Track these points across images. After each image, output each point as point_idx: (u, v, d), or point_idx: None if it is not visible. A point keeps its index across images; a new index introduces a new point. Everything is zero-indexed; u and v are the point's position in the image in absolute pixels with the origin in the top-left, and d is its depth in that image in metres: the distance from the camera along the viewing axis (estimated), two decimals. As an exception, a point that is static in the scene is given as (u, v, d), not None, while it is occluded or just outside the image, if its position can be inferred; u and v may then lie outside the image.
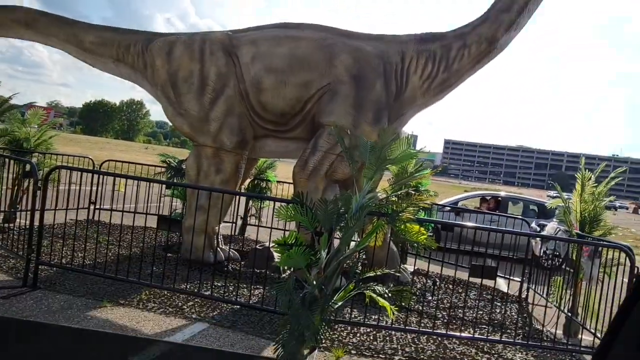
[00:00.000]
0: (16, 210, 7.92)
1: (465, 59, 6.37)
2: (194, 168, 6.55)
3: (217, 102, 6.46)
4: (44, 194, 4.95)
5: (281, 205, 4.30)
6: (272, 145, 6.88)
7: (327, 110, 6.20)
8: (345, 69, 6.28)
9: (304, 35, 6.63)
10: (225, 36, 6.80)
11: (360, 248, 4.10)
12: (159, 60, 6.82)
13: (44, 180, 4.99)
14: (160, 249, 7.11)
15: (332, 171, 6.15)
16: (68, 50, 7.77)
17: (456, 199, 12.99)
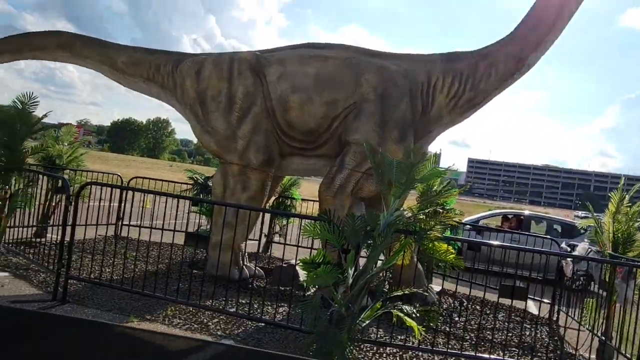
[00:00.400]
0: (47, 225, 8.13)
1: (493, 77, 6.34)
2: (221, 185, 6.63)
3: (244, 121, 6.56)
4: (75, 210, 5.07)
5: (308, 223, 4.31)
6: (298, 163, 6.92)
7: (352, 128, 6.23)
8: (371, 88, 6.32)
9: (330, 54, 6.71)
10: (253, 56, 6.93)
11: (387, 266, 4.06)
12: (189, 79, 6.98)
13: (75, 196, 5.12)
14: (186, 265, 7.18)
15: (358, 189, 6.14)
16: (102, 70, 8.05)
17: (477, 217, 12.77)
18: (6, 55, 7.99)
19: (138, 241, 7.39)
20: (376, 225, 3.87)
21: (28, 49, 7.95)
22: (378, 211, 6.55)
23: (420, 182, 4.00)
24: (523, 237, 9.51)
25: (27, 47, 7.93)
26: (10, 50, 7.92)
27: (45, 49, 7.92)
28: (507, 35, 6.36)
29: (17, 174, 5.70)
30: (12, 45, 7.91)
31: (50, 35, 7.93)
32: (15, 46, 7.93)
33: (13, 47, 7.92)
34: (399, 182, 3.86)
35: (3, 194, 5.67)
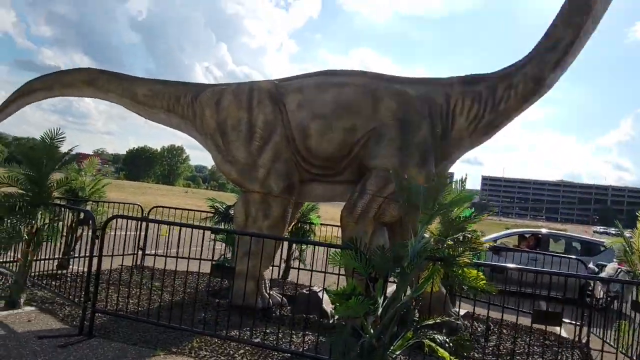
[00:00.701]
0: (70, 257, 8.20)
1: (512, 99, 6.33)
2: (242, 213, 6.65)
3: (264, 149, 6.61)
4: (102, 242, 5.12)
5: (335, 251, 4.28)
6: (318, 189, 6.92)
7: (373, 153, 6.23)
8: (390, 113, 6.34)
9: (348, 81, 6.78)
10: (272, 85, 7.02)
11: (417, 294, 4.00)
12: (208, 110, 7.09)
13: (102, 229, 5.17)
14: (210, 294, 7.15)
15: (381, 214, 6.10)
16: (123, 103, 8.25)
17: (495, 237, 12.56)
18: (40, 93, 8.42)
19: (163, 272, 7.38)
20: (405, 253, 3.82)
21: (58, 87, 8.33)
22: (400, 236, 6.56)
23: (448, 207, 3.97)
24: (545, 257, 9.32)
25: (57, 84, 8.31)
26: (43, 88, 8.34)
27: (73, 86, 8.27)
28: (525, 56, 6.37)
29: (44, 208, 5.78)
30: (44, 83, 8.33)
31: (77, 72, 8.31)
32: (47, 84, 8.34)
33: (45, 85, 8.34)
34: (426, 208, 3.83)
35: (30, 228, 5.74)
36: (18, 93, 8.47)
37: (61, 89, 8.40)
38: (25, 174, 5.79)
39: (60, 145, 5.94)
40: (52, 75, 8.41)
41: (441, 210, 3.92)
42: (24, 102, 8.61)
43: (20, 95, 8.46)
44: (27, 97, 8.50)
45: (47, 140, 5.85)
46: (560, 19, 6.16)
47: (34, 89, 8.40)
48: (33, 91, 8.41)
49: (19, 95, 8.47)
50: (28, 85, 8.41)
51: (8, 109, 8.55)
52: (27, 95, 8.47)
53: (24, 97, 8.49)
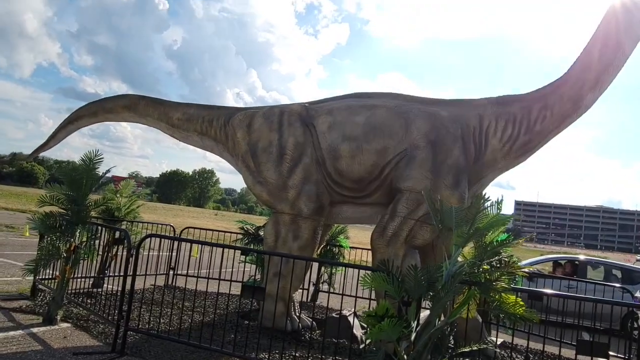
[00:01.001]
0: (105, 275, 8.37)
1: (548, 120, 6.19)
2: (272, 234, 6.65)
3: (294, 170, 6.64)
4: (136, 261, 5.20)
5: (366, 274, 4.21)
6: (348, 211, 6.88)
7: (404, 175, 6.17)
8: (421, 135, 6.30)
9: (378, 103, 6.79)
10: (302, 108, 7.11)
11: (452, 320, 3.87)
12: (240, 132, 7.22)
13: (136, 248, 5.26)
14: (240, 316, 7.13)
15: (412, 237, 6.00)
16: (159, 127, 8.53)
17: (527, 263, 12.08)
18: (86, 120, 8.92)
19: (194, 292, 7.42)
20: (439, 276, 3.72)
21: (102, 112, 8.77)
22: (432, 260, 6.41)
23: (485, 230, 3.86)
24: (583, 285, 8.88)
25: (101, 110, 8.76)
26: (88, 115, 8.84)
27: (115, 111, 8.69)
28: (562, 76, 6.24)
29: (82, 227, 5.94)
30: (89, 110, 8.82)
31: (118, 98, 8.75)
32: (92, 111, 8.84)
33: (90, 112, 8.84)
34: (461, 231, 3.73)
35: (68, 246, 5.90)
36: (67, 121, 8.98)
37: (105, 115, 8.84)
38: (65, 193, 5.99)
39: (99, 166, 6.12)
40: (96, 103, 8.88)
41: (477, 234, 3.82)
42: (73, 128, 9.10)
43: (69, 122, 8.96)
44: (75, 124, 8.99)
45: (87, 162, 6.04)
46: (597, 37, 6.02)
47: (80, 116, 8.89)
48: (80, 118, 8.90)
49: (67, 123, 8.98)
50: (75, 113, 8.90)
51: (58, 135, 9.08)
52: (75, 122, 8.96)
53: (72, 124, 8.98)
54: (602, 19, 6.00)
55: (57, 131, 9.08)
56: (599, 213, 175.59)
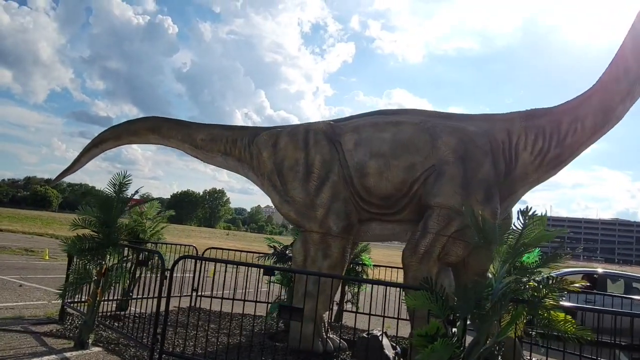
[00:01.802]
0: (130, 298, 8.33)
1: (579, 132, 6.12)
2: (301, 254, 6.59)
3: (322, 189, 6.61)
4: (170, 283, 5.17)
5: (409, 293, 4.13)
6: (377, 229, 6.81)
7: (434, 191, 6.11)
8: (450, 150, 6.26)
9: (404, 119, 6.78)
10: (328, 126, 7.12)
11: (501, 339, 3.77)
12: (266, 151, 7.22)
13: (171, 269, 5.24)
14: (267, 337, 7.05)
15: (445, 254, 5.91)
16: (183, 148, 8.58)
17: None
18: (110, 142, 9.00)
19: (219, 314, 7.35)
20: (488, 294, 3.64)
21: (126, 135, 8.83)
22: (463, 277, 6.29)
23: (531, 245, 3.78)
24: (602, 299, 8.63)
25: (125, 133, 8.82)
26: (113, 138, 8.91)
27: (139, 134, 8.75)
28: (591, 87, 6.18)
29: (112, 249, 5.94)
30: (113, 133, 8.90)
31: (142, 121, 8.83)
32: (116, 134, 8.90)
33: (114, 135, 8.90)
34: (509, 246, 3.66)
35: (99, 269, 5.89)
36: (91, 144, 9.07)
37: (129, 137, 8.90)
38: (97, 216, 6.00)
39: (126, 188, 6.15)
40: (120, 126, 8.95)
41: (524, 248, 3.74)
42: (97, 152, 9.16)
43: (93, 145, 9.04)
44: (100, 147, 9.05)
45: (116, 184, 6.08)
46: (627, 47, 5.97)
47: (105, 139, 8.96)
48: (105, 141, 8.96)
49: (92, 146, 9.05)
50: (99, 137, 8.99)
51: (82, 159, 9.17)
52: (99, 145, 9.02)
53: (96, 147, 9.04)
54: (630, 28, 5.96)
55: (82, 155, 9.17)
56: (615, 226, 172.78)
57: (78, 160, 9.17)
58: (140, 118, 9.00)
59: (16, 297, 8.80)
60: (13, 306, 7.97)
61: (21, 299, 8.67)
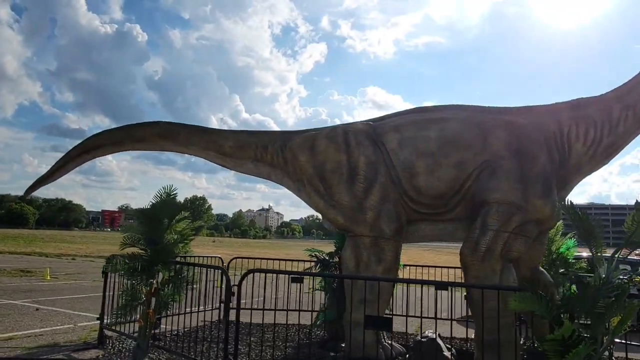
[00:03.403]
0: (162, 315, 7.99)
1: (631, 119, 6.09)
2: (353, 259, 6.38)
3: (370, 191, 6.42)
4: (238, 298, 4.91)
5: (509, 295, 3.99)
6: (426, 229, 6.66)
7: (490, 187, 5.99)
8: (502, 144, 6.15)
9: (448, 116, 6.65)
10: (368, 126, 6.94)
11: (616, 337, 3.66)
12: (303, 156, 6.99)
13: (239, 283, 4.98)
14: (317, 347, 6.83)
15: (507, 250, 5.79)
16: (205, 155, 8.22)
17: None
18: (107, 148, 8.22)
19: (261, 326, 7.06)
20: (607, 290, 3.52)
21: (129, 141, 8.15)
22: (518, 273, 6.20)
23: None
24: None
25: (128, 138, 8.13)
26: (111, 143, 8.13)
27: (146, 140, 8.13)
28: (638, 74, 6.16)
29: (162, 267, 5.64)
30: (112, 138, 8.12)
31: (149, 126, 8.08)
32: (116, 139, 8.13)
33: (113, 140, 8.12)
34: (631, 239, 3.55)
35: (149, 289, 5.58)
36: (80, 149, 8.12)
37: (133, 144, 8.21)
38: (143, 233, 5.70)
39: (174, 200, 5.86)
40: (121, 130, 8.20)
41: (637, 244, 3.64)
42: (87, 158, 8.29)
43: (83, 151, 8.13)
44: (92, 153, 8.21)
45: (164, 198, 5.78)
46: None
47: (99, 144, 8.12)
48: (99, 147, 8.14)
49: (81, 151, 8.13)
50: (93, 140, 8.12)
51: (68, 166, 8.16)
52: (92, 152, 8.18)
53: (88, 153, 8.18)
54: None
55: (66, 161, 8.10)
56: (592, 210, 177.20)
57: (62, 166, 8.11)
58: (146, 122, 8.19)
59: (39, 322, 8.36)
60: (41, 332, 7.56)
61: (45, 324, 8.24)
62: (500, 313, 5.17)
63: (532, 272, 6.47)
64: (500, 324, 5.29)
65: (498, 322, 5.10)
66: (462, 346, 7.40)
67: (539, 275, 6.51)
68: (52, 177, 8.13)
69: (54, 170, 8.06)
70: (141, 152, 8.43)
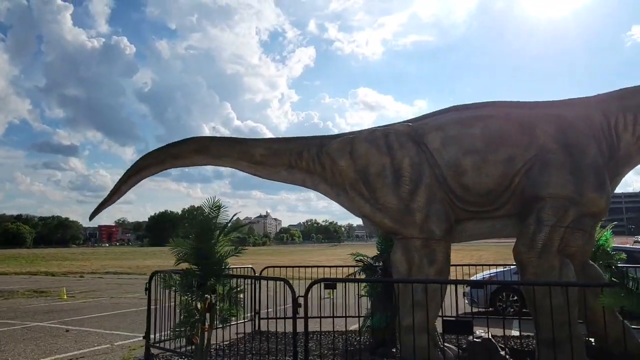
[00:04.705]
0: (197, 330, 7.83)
1: None
2: (404, 263, 6.27)
3: (416, 192, 6.33)
4: (306, 309, 4.78)
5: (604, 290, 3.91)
6: (473, 228, 6.57)
7: (542, 182, 5.91)
8: (550, 138, 6.08)
9: (489, 113, 6.57)
10: (408, 127, 6.86)
11: None
12: (343, 160, 6.89)
13: (305, 293, 4.86)
14: (368, 352, 6.71)
15: (565, 245, 5.71)
16: (238, 166, 8.16)
17: None
18: (152, 169, 8.45)
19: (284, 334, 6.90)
20: None
21: (169, 159, 8.31)
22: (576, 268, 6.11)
23: None
24: None
25: (169, 157, 8.29)
26: (155, 164, 8.37)
27: (183, 156, 8.26)
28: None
29: (215, 282, 5.50)
30: (155, 158, 8.34)
31: (185, 143, 8.24)
32: (158, 159, 8.34)
33: (156, 160, 8.35)
34: None
35: (203, 304, 5.44)
36: (131, 172, 8.46)
37: (172, 161, 8.42)
38: (195, 247, 5.56)
39: (223, 213, 5.73)
40: (162, 150, 8.38)
41: None
42: (137, 179, 8.61)
43: (133, 173, 8.47)
44: (141, 174, 8.52)
45: (214, 211, 5.65)
46: None
47: (146, 165, 8.42)
48: (146, 167, 8.44)
49: (132, 174, 8.47)
50: (140, 163, 8.43)
51: (122, 189, 8.56)
52: (140, 173, 8.49)
53: (137, 174, 8.49)
54: None
55: (120, 185, 8.57)
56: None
57: (118, 190, 8.58)
58: (183, 140, 8.45)
59: (74, 343, 8.19)
60: (81, 354, 7.38)
61: (81, 345, 8.06)
62: (564, 309, 5.12)
63: (584, 266, 6.40)
64: (564, 320, 5.24)
65: (569, 318, 5.06)
66: (515, 345, 7.30)
67: (590, 269, 6.45)
68: (111, 199, 8.48)
69: (112, 194, 8.49)
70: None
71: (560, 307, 5.17)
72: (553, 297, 5.09)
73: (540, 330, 5.70)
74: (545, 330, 5.50)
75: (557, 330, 5.19)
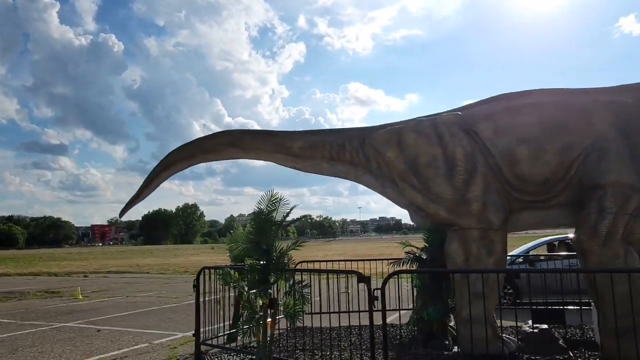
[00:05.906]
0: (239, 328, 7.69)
1: None
2: (461, 254, 6.17)
3: (471, 182, 6.23)
4: (383, 302, 4.66)
5: None
6: (528, 218, 6.48)
7: (601, 169, 5.84)
8: (608, 125, 6.01)
9: (542, 100, 6.48)
10: (457, 116, 6.74)
11: None
12: (390, 152, 6.77)
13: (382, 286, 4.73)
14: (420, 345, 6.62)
15: (629, 232, 5.65)
16: (274, 159, 8.05)
17: (524, 250, 11.85)
18: (183, 163, 8.36)
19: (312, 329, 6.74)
20: None
21: (200, 153, 8.23)
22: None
23: None
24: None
25: (200, 151, 8.19)
26: (187, 158, 8.28)
27: (215, 150, 8.18)
28: None
29: (278, 275, 5.36)
30: (185, 153, 8.22)
31: (217, 136, 8.17)
32: (188, 153, 8.24)
33: (187, 154, 8.25)
34: None
35: (265, 300, 5.30)
36: (161, 167, 8.33)
37: (204, 155, 8.34)
38: (254, 241, 5.42)
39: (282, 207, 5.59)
40: (193, 144, 8.30)
41: None
42: (168, 174, 8.57)
43: (162, 169, 8.35)
44: (172, 169, 8.46)
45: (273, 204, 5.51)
46: None
47: (176, 160, 8.31)
48: (177, 162, 8.34)
49: (162, 170, 8.35)
50: (170, 157, 8.28)
51: (152, 184, 8.46)
52: (171, 168, 8.40)
53: (168, 169, 8.41)
54: None
55: (150, 180, 8.43)
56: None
57: (147, 186, 8.46)
58: (214, 133, 8.36)
59: (111, 343, 8.01)
60: (124, 354, 7.21)
61: (119, 345, 7.89)
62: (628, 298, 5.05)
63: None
64: (628, 309, 5.18)
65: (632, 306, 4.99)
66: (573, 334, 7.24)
67: None
68: (140, 196, 8.35)
69: (142, 190, 8.33)
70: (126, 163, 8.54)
71: (624, 296, 5.11)
72: (617, 285, 5.02)
73: (603, 319, 5.64)
74: (609, 319, 5.43)
75: (621, 319, 5.13)
